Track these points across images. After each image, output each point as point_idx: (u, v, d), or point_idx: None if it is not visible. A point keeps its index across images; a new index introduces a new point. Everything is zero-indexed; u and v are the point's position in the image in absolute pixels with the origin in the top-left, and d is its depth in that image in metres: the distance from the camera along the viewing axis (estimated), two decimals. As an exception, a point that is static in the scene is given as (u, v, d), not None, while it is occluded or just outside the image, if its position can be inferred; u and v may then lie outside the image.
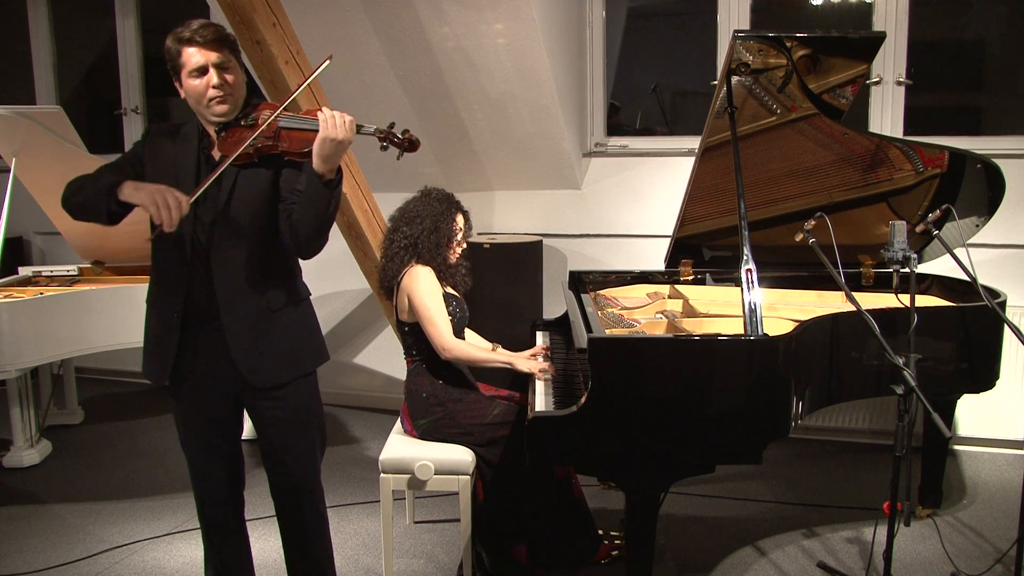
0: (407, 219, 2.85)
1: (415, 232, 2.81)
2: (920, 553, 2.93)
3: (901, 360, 2.16)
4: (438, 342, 2.73)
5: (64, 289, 3.78)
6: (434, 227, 2.81)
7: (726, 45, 3.46)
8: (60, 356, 3.68)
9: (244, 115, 2.07)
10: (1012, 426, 3.79)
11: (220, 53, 2.02)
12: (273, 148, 2.02)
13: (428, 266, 2.80)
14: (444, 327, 2.74)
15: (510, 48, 3.72)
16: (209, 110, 2.05)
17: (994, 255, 3.73)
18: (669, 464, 2.25)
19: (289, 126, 2.01)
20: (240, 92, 2.08)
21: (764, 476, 3.60)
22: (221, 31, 2.04)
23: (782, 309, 2.97)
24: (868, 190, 3.11)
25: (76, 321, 3.56)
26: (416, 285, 2.76)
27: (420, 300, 2.74)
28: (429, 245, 2.80)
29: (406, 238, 2.82)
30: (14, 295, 3.64)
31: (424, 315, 2.74)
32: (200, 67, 2.01)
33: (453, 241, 2.88)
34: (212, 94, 2.02)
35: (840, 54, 2.68)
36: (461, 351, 2.76)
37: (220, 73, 2.02)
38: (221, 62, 2.02)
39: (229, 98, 2.04)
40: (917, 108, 4.02)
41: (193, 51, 2.01)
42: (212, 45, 2.00)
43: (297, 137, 2.00)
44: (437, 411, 2.76)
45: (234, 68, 2.06)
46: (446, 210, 2.86)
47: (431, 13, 3.66)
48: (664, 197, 4.09)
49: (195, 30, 2.01)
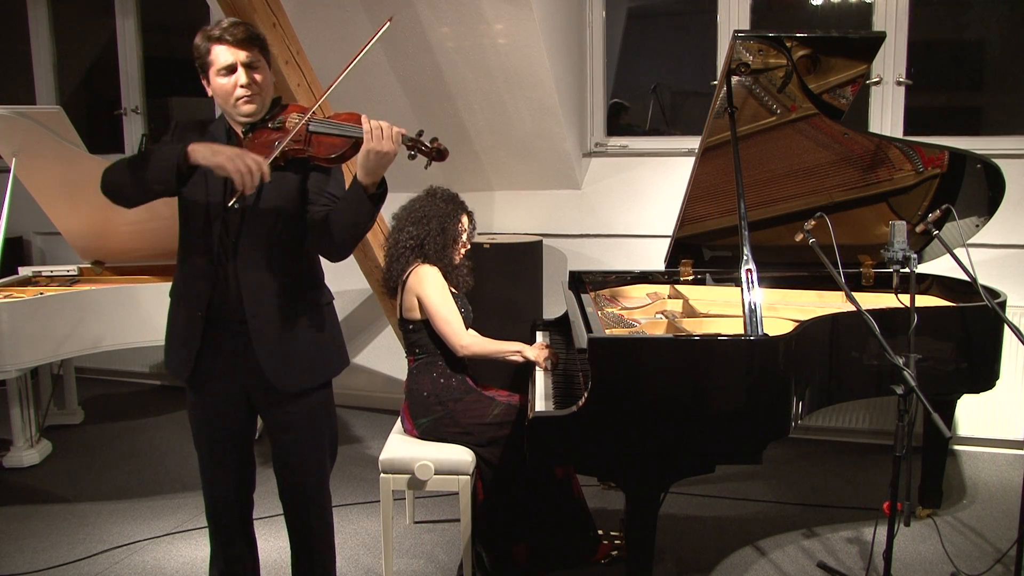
0: (413, 219, 2.86)
1: (422, 233, 2.82)
2: (920, 553, 2.93)
3: (901, 360, 2.16)
4: (454, 340, 2.76)
5: (64, 289, 3.78)
6: (441, 228, 2.83)
7: (726, 45, 3.46)
8: (60, 356, 3.68)
9: (271, 116, 2.05)
10: (1012, 426, 3.78)
11: (249, 52, 2.00)
12: (300, 152, 1.99)
13: (434, 266, 2.82)
14: (458, 325, 2.77)
15: (510, 48, 3.72)
16: (236, 109, 2.03)
17: (994, 255, 3.73)
18: (669, 464, 2.25)
19: (319, 130, 1.98)
20: (268, 92, 2.06)
21: (764, 476, 3.60)
22: (251, 30, 2.02)
23: (782, 309, 2.97)
24: (868, 190, 3.11)
25: (76, 321, 3.56)
26: (425, 285, 2.77)
27: (431, 300, 2.76)
28: (436, 246, 2.81)
29: (412, 238, 2.83)
30: (14, 295, 3.64)
31: (437, 314, 2.75)
32: (228, 65, 1.99)
33: (459, 242, 2.89)
34: (239, 93, 2.00)
35: (840, 54, 2.68)
36: (478, 346, 2.81)
37: (248, 72, 2.00)
38: (250, 61, 2.00)
39: (256, 98, 2.02)
40: (917, 108, 4.02)
41: (222, 49, 1.99)
42: (242, 44, 1.99)
43: (326, 142, 1.97)
44: (438, 410, 2.77)
45: (263, 68, 2.04)
46: (452, 211, 2.87)
47: (431, 13, 3.66)
48: (664, 197, 4.09)
49: (225, 28, 1.99)
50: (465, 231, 2.92)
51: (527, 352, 2.81)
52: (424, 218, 2.84)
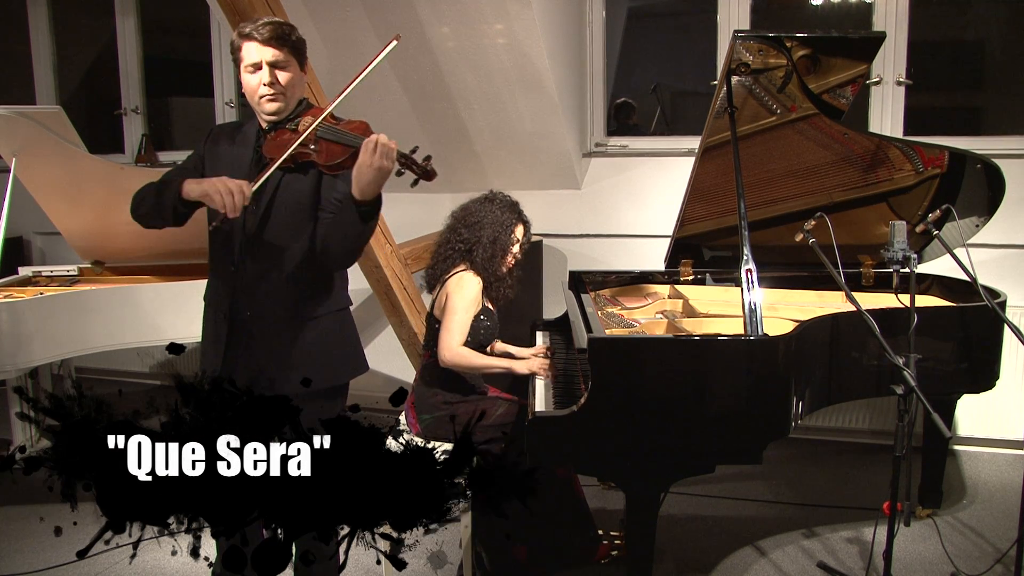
0: (468, 223, 2.82)
1: (473, 238, 2.79)
2: (920, 553, 2.93)
3: (901, 360, 2.16)
4: (442, 349, 2.71)
5: (64, 289, 3.77)
6: (492, 238, 2.78)
7: (726, 45, 3.46)
8: (60, 356, 3.67)
9: (294, 116, 2.05)
10: (1012, 426, 3.78)
11: (278, 51, 2.00)
12: (307, 156, 1.98)
13: (478, 276, 2.77)
14: (458, 337, 2.71)
15: (510, 48, 3.72)
16: (260, 107, 2.04)
17: (994, 255, 3.73)
18: (669, 464, 2.25)
19: (326, 136, 1.96)
20: (293, 92, 2.05)
21: (764, 476, 3.60)
22: (282, 29, 2.01)
23: (782, 309, 2.97)
24: (868, 190, 3.11)
25: (76, 321, 3.55)
26: (457, 290, 2.74)
27: (452, 305, 2.72)
28: (484, 255, 2.77)
29: (463, 241, 2.80)
30: (14, 295, 3.64)
31: (447, 319, 2.72)
32: (255, 63, 1.99)
33: (509, 253, 2.84)
34: (263, 91, 2.00)
35: (840, 54, 2.68)
36: (462, 359, 2.72)
37: (272, 71, 2.00)
38: (276, 60, 2.00)
39: (280, 97, 2.02)
40: (917, 108, 4.02)
41: (251, 46, 1.99)
42: (269, 42, 1.98)
43: (329, 149, 1.96)
44: (442, 408, 2.76)
45: (291, 68, 2.03)
46: (508, 220, 2.82)
47: (431, 13, 3.66)
48: (664, 197, 4.08)
49: (256, 26, 1.99)
50: (518, 241, 2.86)
51: (516, 368, 2.75)
52: (478, 224, 2.80)
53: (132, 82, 5.28)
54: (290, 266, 2.07)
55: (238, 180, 1.91)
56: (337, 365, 2.21)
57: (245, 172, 2.05)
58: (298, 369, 2.10)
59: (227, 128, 2.19)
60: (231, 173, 2.02)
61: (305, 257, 2.08)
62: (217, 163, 2.11)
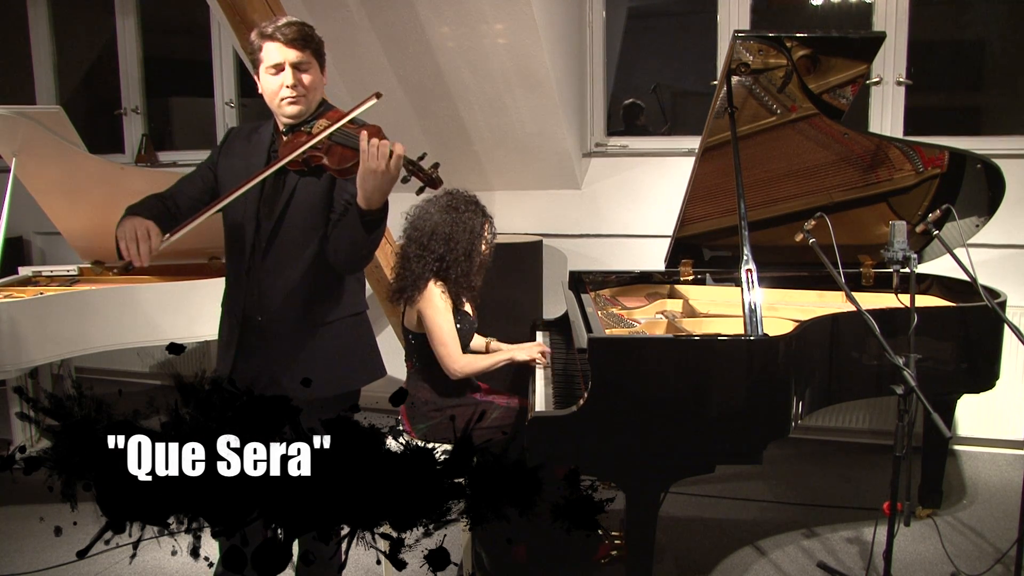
0: (439, 238, 2.66)
1: (449, 255, 2.66)
2: (920, 553, 2.93)
3: (901, 360, 2.16)
4: (449, 364, 2.65)
5: (64, 289, 3.77)
6: (468, 250, 2.67)
7: (726, 45, 3.46)
8: (60, 356, 3.67)
9: (309, 119, 2.02)
10: (1012, 426, 3.78)
11: (301, 53, 1.97)
12: (318, 159, 1.96)
13: (441, 282, 2.68)
14: (454, 348, 2.66)
15: (510, 48, 3.72)
16: (280, 109, 2.01)
17: (994, 255, 3.73)
18: (669, 464, 2.25)
19: (337, 140, 1.94)
20: (314, 95, 2.02)
21: (764, 476, 3.60)
22: (305, 31, 1.99)
23: (782, 309, 2.97)
24: (868, 190, 3.11)
25: (76, 321, 3.55)
26: (428, 306, 2.66)
27: (432, 321, 2.65)
28: (460, 272, 2.68)
29: (438, 260, 2.65)
30: (14, 295, 3.64)
31: (436, 336, 2.65)
32: (277, 64, 1.97)
33: (483, 262, 2.77)
34: (284, 93, 1.98)
35: (840, 54, 2.68)
36: (471, 368, 2.68)
37: (295, 73, 1.97)
38: (299, 62, 1.97)
39: (302, 99, 1.99)
40: (917, 108, 4.02)
41: (273, 47, 1.96)
42: (292, 43, 1.96)
43: (339, 153, 1.93)
44: (435, 416, 2.74)
45: (313, 70, 2.00)
46: (477, 225, 2.70)
47: (431, 13, 3.66)
48: (664, 197, 4.08)
49: (279, 26, 1.97)
50: (489, 247, 2.77)
51: (517, 356, 2.75)
52: (449, 238, 2.65)
53: (132, 82, 5.28)
54: (303, 270, 2.05)
55: (150, 226, 1.84)
56: (349, 371, 2.16)
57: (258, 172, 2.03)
58: (309, 375, 2.09)
59: (244, 130, 2.17)
60: (244, 176, 2.00)
61: (318, 261, 2.06)
62: (231, 163, 2.10)
